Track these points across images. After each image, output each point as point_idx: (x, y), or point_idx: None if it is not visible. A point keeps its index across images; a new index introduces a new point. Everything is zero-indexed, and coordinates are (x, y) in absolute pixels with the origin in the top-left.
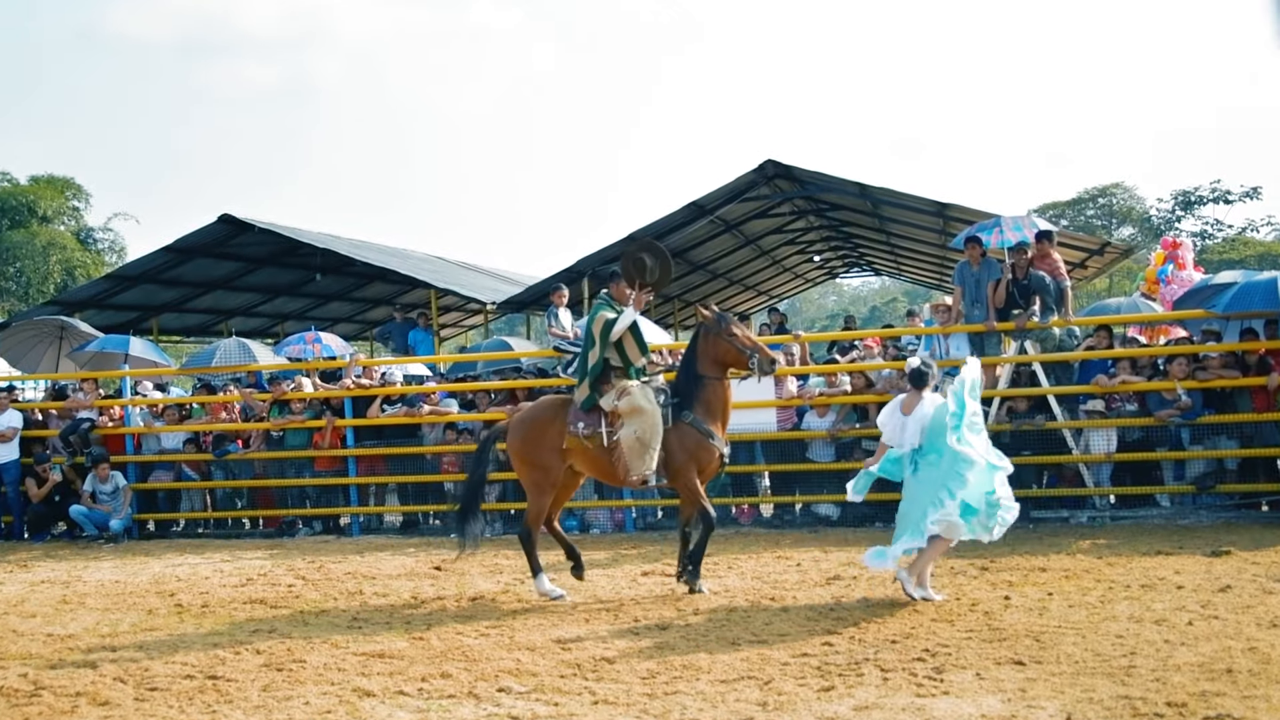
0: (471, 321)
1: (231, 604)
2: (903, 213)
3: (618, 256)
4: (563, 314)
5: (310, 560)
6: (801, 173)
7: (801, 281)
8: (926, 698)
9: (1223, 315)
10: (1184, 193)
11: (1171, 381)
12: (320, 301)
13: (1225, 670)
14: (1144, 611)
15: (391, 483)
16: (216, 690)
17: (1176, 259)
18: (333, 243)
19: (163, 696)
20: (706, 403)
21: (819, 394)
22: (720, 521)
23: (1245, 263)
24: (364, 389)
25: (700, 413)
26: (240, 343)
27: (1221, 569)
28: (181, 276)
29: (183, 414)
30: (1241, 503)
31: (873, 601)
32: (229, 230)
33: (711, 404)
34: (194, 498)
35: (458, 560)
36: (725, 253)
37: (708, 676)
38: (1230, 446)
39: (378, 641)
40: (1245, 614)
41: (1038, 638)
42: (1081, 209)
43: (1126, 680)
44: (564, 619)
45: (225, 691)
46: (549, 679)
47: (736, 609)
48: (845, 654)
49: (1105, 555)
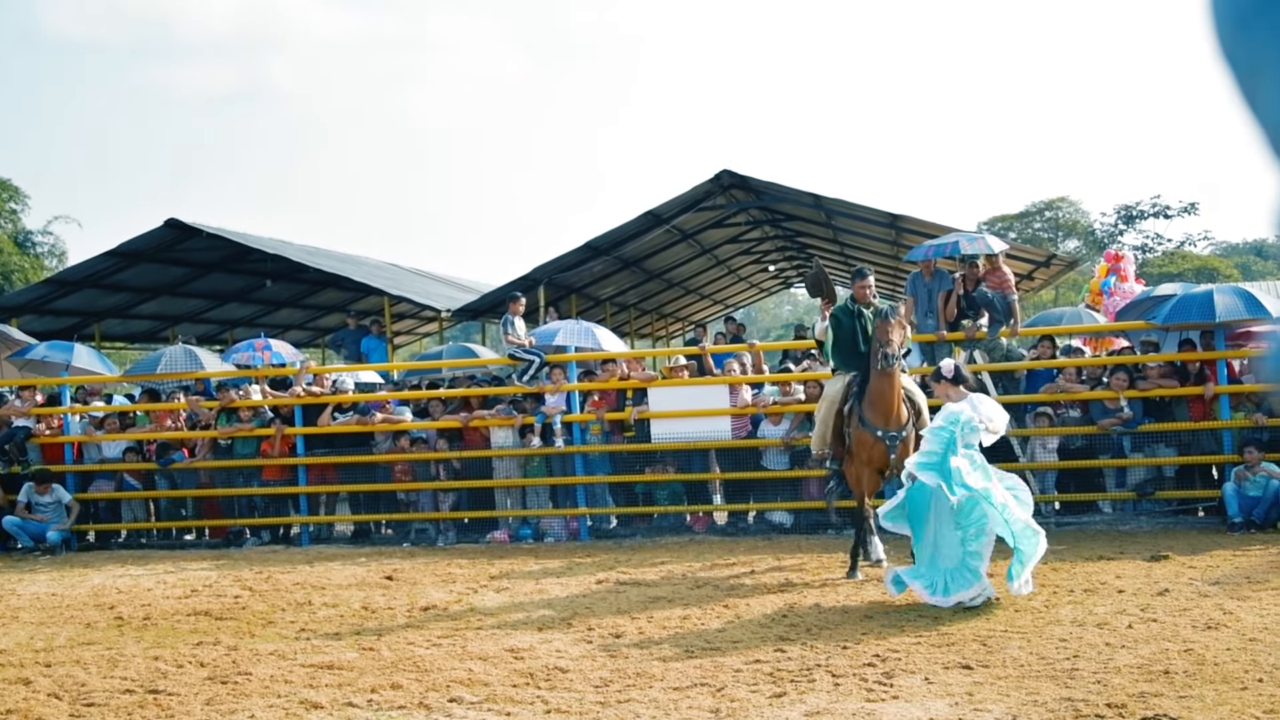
0: (426, 329)
1: (174, 616)
2: (856, 223)
3: (574, 265)
4: (518, 322)
5: (258, 571)
6: (757, 183)
7: (757, 291)
8: (876, 702)
9: (1162, 326)
10: (1126, 207)
11: (1114, 391)
12: (271, 308)
13: (1163, 672)
14: (1086, 615)
15: (343, 491)
16: (157, 705)
17: (1119, 271)
18: (284, 248)
19: (100, 712)
20: (871, 393)
21: (773, 403)
22: (674, 529)
23: (1183, 275)
24: (315, 397)
25: (866, 404)
26: (187, 349)
27: (1160, 573)
28: (126, 281)
29: (126, 422)
30: (1179, 509)
31: (825, 608)
32: (176, 235)
33: (873, 394)
34: (136, 508)
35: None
36: (681, 261)
37: (661, 684)
38: (1169, 454)
39: (326, 652)
40: (1182, 617)
41: (984, 642)
42: (1029, 222)
43: (1069, 683)
44: (517, 628)
45: (166, 706)
46: (501, 688)
47: (690, 616)
48: (797, 660)
49: (1049, 560)
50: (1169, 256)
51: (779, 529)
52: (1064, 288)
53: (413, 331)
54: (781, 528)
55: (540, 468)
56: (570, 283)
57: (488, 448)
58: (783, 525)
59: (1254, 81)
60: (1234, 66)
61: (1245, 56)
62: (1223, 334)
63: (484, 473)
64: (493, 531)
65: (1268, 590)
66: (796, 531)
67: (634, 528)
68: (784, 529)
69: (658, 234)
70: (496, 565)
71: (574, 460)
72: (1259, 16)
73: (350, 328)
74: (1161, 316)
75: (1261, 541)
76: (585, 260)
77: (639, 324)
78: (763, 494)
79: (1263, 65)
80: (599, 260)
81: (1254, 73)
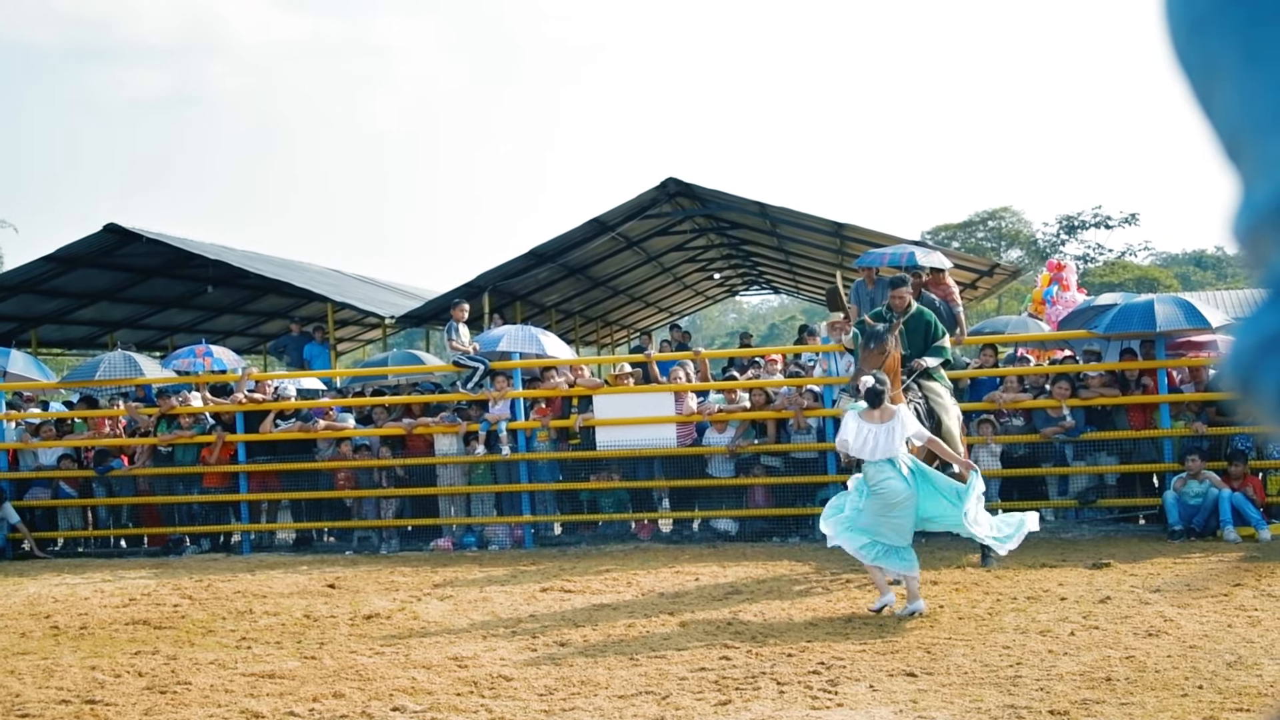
0: (369, 336)
1: (112, 625)
2: (801, 232)
3: (519, 272)
4: (462, 329)
5: (198, 579)
6: (702, 191)
7: (702, 299)
8: (822, 710)
9: (1104, 335)
10: (1068, 217)
11: (1056, 400)
12: (212, 314)
13: (1105, 679)
14: (1029, 623)
15: (285, 499)
16: (95, 715)
17: (1061, 281)
18: (225, 254)
19: None
20: None
21: (718, 410)
22: (619, 537)
23: (1124, 285)
24: (256, 403)
25: None
26: (126, 355)
27: (1102, 581)
28: (64, 287)
29: (64, 429)
30: (1120, 516)
31: (769, 616)
32: (115, 240)
33: None
34: (74, 516)
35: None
36: (627, 269)
37: (606, 692)
38: (1110, 463)
39: (268, 661)
40: (1124, 624)
41: (929, 649)
42: (972, 231)
43: (1013, 690)
44: (460, 636)
45: (104, 716)
46: (445, 697)
47: (635, 624)
48: (742, 668)
49: (993, 568)
50: (1110, 266)
51: (724, 537)
52: (1006, 297)
53: (356, 338)
54: (726, 535)
55: (485, 475)
56: (515, 290)
57: (432, 455)
58: (728, 533)
59: (1209, 86)
60: (1189, 71)
61: (1200, 61)
62: (1163, 343)
63: (428, 480)
64: (436, 539)
65: (1207, 598)
66: (741, 539)
67: (579, 535)
68: (729, 537)
69: (603, 241)
70: (440, 573)
71: (519, 468)
72: (1213, 20)
73: (293, 334)
74: (1103, 326)
75: (1201, 550)
76: (530, 267)
77: (584, 331)
78: (708, 502)
79: (1217, 70)
80: (544, 267)
81: (1209, 78)
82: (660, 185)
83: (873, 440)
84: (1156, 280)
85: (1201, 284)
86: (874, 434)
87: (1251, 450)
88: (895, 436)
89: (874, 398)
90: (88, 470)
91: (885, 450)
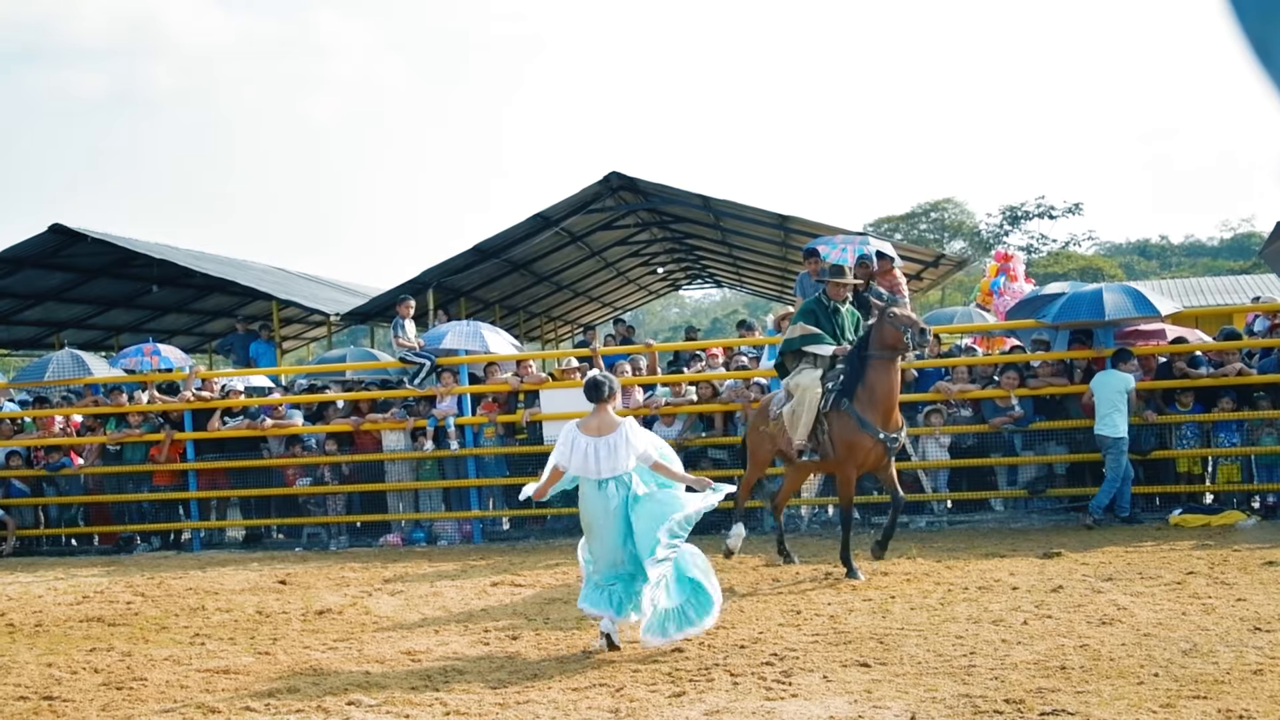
0: (314, 333)
1: (67, 623)
2: (744, 225)
3: (464, 268)
4: (408, 325)
5: (149, 576)
6: (645, 185)
7: (645, 293)
8: (776, 701)
9: (1052, 325)
10: (1011, 208)
11: (1005, 390)
12: (158, 313)
13: (1059, 667)
14: (982, 612)
15: (234, 496)
16: (53, 711)
17: (1009, 271)
18: (170, 253)
19: None
20: (870, 388)
21: (665, 404)
22: (568, 531)
23: (1069, 275)
24: (204, 401)
25: (861, 399)
26: (74, 355)
27: (1053, 570)
28: (9, 288)
29: (15, 428)
30: (1070, 506)
31: (722, 608)
32: (60, 240)
33: (875, 389)
34: (24, 515)
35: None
36: (571, 264)
37: (559, 685)
38: (1059, 452)
39: (221, 658)
40: (1076, 613)
41: (882, 640)
42: (915, 223)
43: (967, 679)
44: (413, 631)
45: (62, 712)
46: (399, 691)
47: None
48: (695, 660)
49: (944, 559)
50: (1054, 257)
51: None
52: (950, 288)
53: (300, 336)
54: None
55: (433, 471)
56: (460, 286)
57: (380, 451)
58: None
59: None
60: (1249, 34)
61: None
62: (1111, 332)
63: (376, 476)
64: (385, 535)
65: (1160, 585)
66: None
67: (527, 530)
68: None
69: (547, 236)
70: (390, 569)
71: (467, 463)
72: None
73: (239, 332)
74: (1051, 315)
75: (1153, 537)
76: (474, 263)
77: (528, 326)
78: None
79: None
80: (488, 263)
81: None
82: (603, 180)
83: (594, 456)
84: (1101, 270)
85: (1146, 273)
86: (593, 448)
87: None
88: (619, 452)
89: (593, 390)
90: (37, 469)
91: (609, 467)
